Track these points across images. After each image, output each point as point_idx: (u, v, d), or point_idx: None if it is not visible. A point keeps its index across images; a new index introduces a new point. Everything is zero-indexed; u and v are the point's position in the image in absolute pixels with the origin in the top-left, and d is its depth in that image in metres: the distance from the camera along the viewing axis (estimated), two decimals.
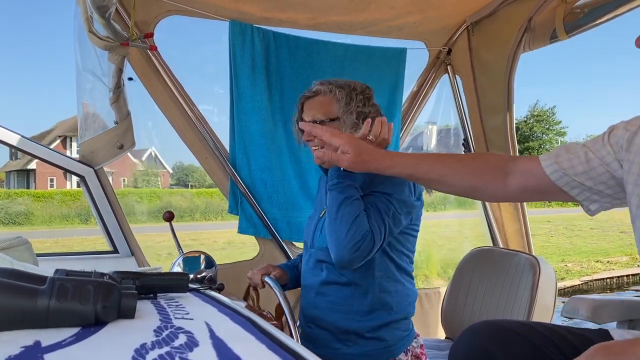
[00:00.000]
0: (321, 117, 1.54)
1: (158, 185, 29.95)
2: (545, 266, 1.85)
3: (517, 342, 0.98)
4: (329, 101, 1.55)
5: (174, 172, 33.38)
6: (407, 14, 2.32)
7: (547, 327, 1.05)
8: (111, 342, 0.60)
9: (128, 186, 28.38)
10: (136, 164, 30.28)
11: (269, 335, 0.64)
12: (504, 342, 0.98)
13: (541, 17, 2.17)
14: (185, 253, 1.81)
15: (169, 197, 22.84)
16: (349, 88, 1.56)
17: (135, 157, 29.67)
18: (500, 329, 1.01)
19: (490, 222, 2.65)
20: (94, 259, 2.25)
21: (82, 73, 2.07)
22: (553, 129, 43.89)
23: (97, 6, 1.73)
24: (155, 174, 30.76)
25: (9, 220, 18.74)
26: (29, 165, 27.62)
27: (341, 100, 1.53)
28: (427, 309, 2.67)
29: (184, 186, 30.10)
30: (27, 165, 27.72)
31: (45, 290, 0.64)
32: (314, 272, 1.57)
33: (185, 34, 5.40)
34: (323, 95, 1.56)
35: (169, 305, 0.85)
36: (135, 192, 23.66)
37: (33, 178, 27.89)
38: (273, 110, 2.37)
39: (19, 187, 27.22)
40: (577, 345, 1.00)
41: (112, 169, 27.88)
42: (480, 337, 1.01)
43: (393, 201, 1.43)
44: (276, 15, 2.27)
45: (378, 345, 1.46)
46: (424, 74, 2.69)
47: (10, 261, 0.94)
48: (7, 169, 30.15)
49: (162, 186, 30.05)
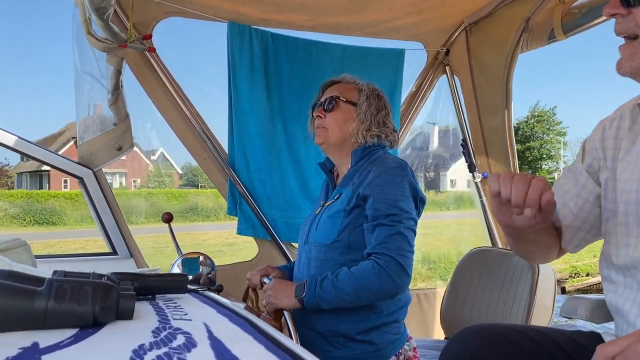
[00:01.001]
0: (339, 95, 1.59)
1: (172, 185, 30.09)
2: (544, 266, 1.85)
3: (508, 348, 0.98)
4: (351, 87, 1.62)
5: (184, 173, 33.39)
6: (405, 15, 2.33)
7: (539, 331, 1.04)
8: (109, 343, 0.60)
9: (142, 187, 28.47)
10: (148, 165, 30.36)
11: (267, 336, 0.64)
12: (494, 347, 0.98)
13: (539, 17, 2.18)
14: (184, 254, 1.80)
15: (194, 197, 22.96)
16: (375, 88, 1.63)
17: (147, 158, 29.75)
18: (491, 333, 1.01)
19: (489, 222, 2.65)
20: (93, 261, 2.25)
21: (81, 75, 2.07)
22: (554, 129, 44.30)
23: (96, 8, 1.73)
24: (169, 175, 30.89)
25: (43, 221, 19.01)
26: (44, 166, 27.45)
27: (363, 91, 1.59)
28: (426, 309, 2.67)
29: (193, 186, 30.09)
30: (41, 166, 27.65)
31: (43, 292, 0.64)
32: (307, 271, 1.56)
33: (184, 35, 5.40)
34: (346, 82, 1.64)
35: (168, 306, 0.85)
36: (155, 193, 23.78)
37: (47, 179, 27.85)
38: (272, 111, 2.37)
39: (31, 188, 27.15)
40: (568, 350, 1.00)
41: (124, 170, 28.09)
42: (470, 342, 1.00)
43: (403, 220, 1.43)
44: (274, 16, 2.27)
45: (368, 348, 1.45)
46: (422, 75, 2.70)
47: (8, 263, 0.94)
48: (19, 170, 30.04)
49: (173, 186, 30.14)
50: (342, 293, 1.37)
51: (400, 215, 1.41)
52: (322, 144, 1.61)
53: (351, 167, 1.57)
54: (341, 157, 1.62)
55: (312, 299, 1.40)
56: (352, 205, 1.47)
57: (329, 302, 1.39)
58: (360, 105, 1.57)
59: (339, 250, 1.47)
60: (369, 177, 1.47)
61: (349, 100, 1.58)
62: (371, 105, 1.57)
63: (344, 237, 1.47)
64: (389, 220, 1.40)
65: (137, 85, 2.16)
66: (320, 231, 1.52)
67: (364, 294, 1.37)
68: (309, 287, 1.41)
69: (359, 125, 1.56)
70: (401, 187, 1.44)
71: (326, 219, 1.52)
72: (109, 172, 27.50)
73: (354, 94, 1.60)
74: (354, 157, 1.57)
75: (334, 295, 1.38)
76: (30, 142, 2.02)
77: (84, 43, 1.92)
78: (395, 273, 1.36)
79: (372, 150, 1.56)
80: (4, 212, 19.06)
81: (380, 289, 1.37)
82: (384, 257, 1.37)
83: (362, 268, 1.38)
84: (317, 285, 1.40)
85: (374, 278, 1.36)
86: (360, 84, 1.63)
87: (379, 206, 1.41)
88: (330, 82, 1.67)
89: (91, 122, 2.16)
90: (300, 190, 2.47)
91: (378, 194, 1.43)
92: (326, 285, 1.39)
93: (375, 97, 1.60)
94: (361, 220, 1.46)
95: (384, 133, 1.58)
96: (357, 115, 1.56)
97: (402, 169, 1.47)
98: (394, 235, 1.39)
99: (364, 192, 1.45)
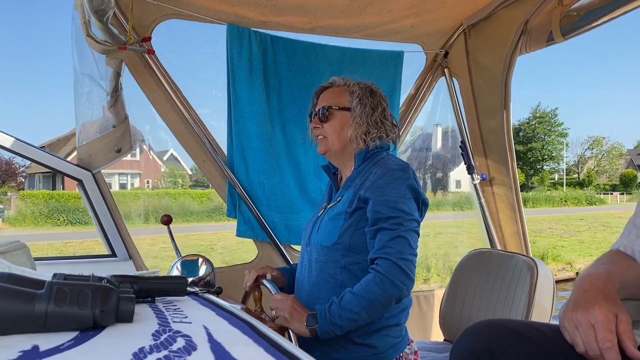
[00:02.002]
0: (331, 105, 1.57)
1: (187, 186, 30.17)
2: (542, 268, 1.85)
3: (520, 342, 0.97)
4: (342, 92, 1.59)
5: (193, 173, 33.42)
6: (403, 18, 2.33)
7: (550, 327, 1.04)
8: (109, 346, 0.60)
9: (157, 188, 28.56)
10: (160, 166, 30.42)
11: (267, 338, 0.64)
12: (507, 342, 0.97)
13: (537, 19, 2.18)
14: (184, 256, 1.81)
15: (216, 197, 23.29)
16: (366, 85, 1.60)
17: (158, 159, 29.81)
18: (503, 328, 1.00)
19: (488, 223, 2.65)
20: (92, 263, 2.25)
21: (80, 77, 2.07)
22: (555, 130, 44.67)
23: (95, 10, 1.73)
24: (182, 175, 30.97)
25: (76, 221, 19.35)
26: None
27: (354, 93, 1.57)
28: (426, 311, 2.68)
29: (203, 187, 30.11)
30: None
31: (44, 295, 0.64)
32: (308, 273, 1.56)
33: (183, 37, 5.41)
34: (337, 86, 1.62)
35: (167, 309, 0.85)
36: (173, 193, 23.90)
37: (61, 180, 27.88)
38: (271, 113, 2.37)
39: (44, 189, 27.13)
40: None
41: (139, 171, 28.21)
42: (483, 336, 1.00)
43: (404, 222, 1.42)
44: (273, 18, 2.27)
45: (368, 351, 1.44)
46: (421, 77, 2.70)
47: (8, 265, 0.94)
48: (32, 170, 29.93)
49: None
50: (352, 313, 1.36)
51: (401, 217, 1.40)
52: (325, 153, 1.61)
53: (354, 170, 1.57)
54: (344, 162, 1.62)
55: (325, 328, 1.38)
56: (354, 208, 1.46)
57: (342, 327, 1.37)
58: (354, 109, 1.55)
59: (340, 253, 1.47)
60: (370, 179, 1.46)
61: (342, 107, 1.57)
62: (365, 106, 1.55)
63: (345, 240, 1.46)
64: (390, 223, 1.39)
65: (137, 88, 2.16)
66: (322, 233, 1.52)
67: (373, 308, 1.37)
68: (320, 317, 1.38)
69: (356, 129, 1.54)
70: (402, 189, 1.43)
71: (327, 221, 1.52)
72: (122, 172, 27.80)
73: (346, 98, 1.58)
74: (357, 160, 1.57)
75: (345, 319, 1.36)
76: (28, 144, 2.01)
77: (84, 45, 1.93)
78: (397, 278, 1.36)
79: (375, 152, 1.56)
80: (39, 212, 19.18)
81: (385, 298, 1.37)
82: (384, 263, 1.37)
83: (364, 283, 1.38)
84: (327, 313, 1.38)
85: (377, 289, 1.35)
86: (352, 85, 1.60)
87: (379, 209, 1.41)
88: (321, 88, 1.65)
89: (90, 124, 2.16)
90: (299, 192, 2.47)
91: (378, 196, 1.42)
92: (334, 310, 1.37)
93: (369, 96, 1.57)
94: (362, 223, 1.45)
95: (383, 132, 1.57)
96: (353, 119, 1.55)
97: (404, 171, 1.46)
98: (394, 239, 1.38)
99: (364, 194, 1.44)
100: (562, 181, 44.91)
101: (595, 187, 42.05)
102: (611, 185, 43.92)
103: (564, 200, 32.04)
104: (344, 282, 1.47)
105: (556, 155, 45.75)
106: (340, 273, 1.47)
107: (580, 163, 48.27)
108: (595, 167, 47.19)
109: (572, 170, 47.80)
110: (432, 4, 2.22)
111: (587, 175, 45.05)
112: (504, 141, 2.48)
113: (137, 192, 24.86)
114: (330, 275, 1.48)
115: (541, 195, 33.21)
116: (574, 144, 48.41)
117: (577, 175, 47.37)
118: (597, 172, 46.43)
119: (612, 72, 71.81)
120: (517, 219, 2.58)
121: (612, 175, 46.93)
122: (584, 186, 42.41)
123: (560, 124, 44.49)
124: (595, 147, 48.39)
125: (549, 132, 44.54)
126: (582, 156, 48.62)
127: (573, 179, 45.87)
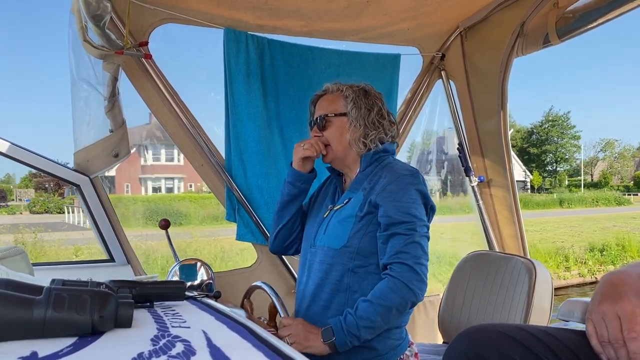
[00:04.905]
0: (327, 113, 1.58)
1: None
2: (541, 269, 1.86)
3: (512, 347, 0.97)
4: (336, 97, 1.61)
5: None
6: (400, 21, 2.34)
7: (543, 330, 1.04)
8: (108, 351, 0.60)
9: (201, 192, 28.66)
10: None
11: (266, 343, 0.64)
12: (499, 347, 0.97)
13: (533, 22, 2.19)
14: (182, 261, 1.81)
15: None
16: (359, 87, 1.61)
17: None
18: (495, 333, 1.00)
19: (486, 225, 2.66)
20: (90, 268, 2.24)
21: (77, 82, 2.06)
22: (568, 133, 45.33)
23: (92, 15, 1.74)
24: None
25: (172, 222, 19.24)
26: (108, 171, 27.79)
27: (348, 97, 1.58)
28: (424, 313, 2.68)
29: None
30: (105, 171, 27.99)
31: (42, 301, 0.64)
32: (311, 274, 1.56)
33: (180, 41, 5.41)
34: (331, 93, 1.63)
35: (166, 314, 0.85)
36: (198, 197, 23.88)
37: (112, 184, 28.08)
38: (269, 116, 2.37)
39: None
40: (573, 349, 1.00)
41: (182, 175, 28.50)
42: (475, 341, 1.00)
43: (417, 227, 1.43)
44: (270, 22, 2.28)
45: (369, 353, 1.45)
46: (418, 79, 2.71)
47: (5, 271, 0.94)
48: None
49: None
50: (369, 322, 1.36)
51: (414, 222, 1.41)
52: (331, 162, 1.63)
53: (360, 172, 1.57)
54: (348, 166, 1.62)
55: (343, 339, 1.37)
56: (365, 212, 1.46)
57: (359, 336, 1.37)
58: (350, 113, 1.57)
59: (348, 256, 1.47)
60: (381, 184, 1.47)
61: (338, 113, 1.58)
62: (360, 108, 1.56)
63: (354, 243, 1.47)
64: (404, 228, 1.40)
65: (134, 92, 2.16)
66: (329, 235, 1.52)
67: (389, 314, 1.37)
68: (337, 330, 1.38)
69: (354, 132, 1.56)
70: (413, 194, 1.45)
71: (336, 224, 1.52)
72: (168, 177, 28.55)
73: (341, 103, 1.59)
74: (363, 162, 1.57)
75: (363, 328, 1.36)
76: (23, 149, 1.99)
77: (80, 50, 1.92)
78: (411, 282, 1.37)
79: (381, 155, 1.57)
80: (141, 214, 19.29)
81: (402, 303, 1.37)
82: (400, 268, 1.37)
83: (379, 290, 1.38)
84: (343, 324, 1.38)
85: (393, 295, 1.36)
86: (345, 89, 1.61)
87: (392, 214, 1.41)
88: (316, 97, 1.67)
89: (87, 129, 2.16)
90: None
91: (390, 202, 1.43)
92: (350, 321, 1.37)
93: (362, 97, 1.59)
94: (372, 227, 1.46)
95: (382, 132, 1.58)
96: (350, 123, 1.56)
97: (414, 177, 1.48)
98: (409, 244, 1.39)
99: (375, 199, 1.45)
100: (579, 182, 44.66)
101: (609, 189, 41.83)
102: (624, 186, 43.76)
103: (595, 201, 31.73)
104: (349, 284, 1.47)
105: (570, 157, 46.14)
106: (346, 276, 1.47)
107: (592, 165, 48.40)
108: (608, 168, 47.25)
109: (585, 172, 47.86)
110: (428, 6, 2.23)
111: (603, 177, 44.94)
112: (501, 143, 2.48)
113: (184, 195, 25.04)
114: (335, 277, 1.49)
115: (574, 196, 33.00)
116: (586, 146, 48.71)
117: (590, 176, 47.43)
118: (610, 174, 46.51)
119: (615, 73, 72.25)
120: (514, 220, 2.59)
121: (625, 176, 47.00)
122: (598, 188, 42.19)
123: (573, 126, 45.06)
124: (608, 149, 48.53)
125: (562, 135, 45.02)
126: (594, 158, 48.74)
127: (586, 181, 45.89)
